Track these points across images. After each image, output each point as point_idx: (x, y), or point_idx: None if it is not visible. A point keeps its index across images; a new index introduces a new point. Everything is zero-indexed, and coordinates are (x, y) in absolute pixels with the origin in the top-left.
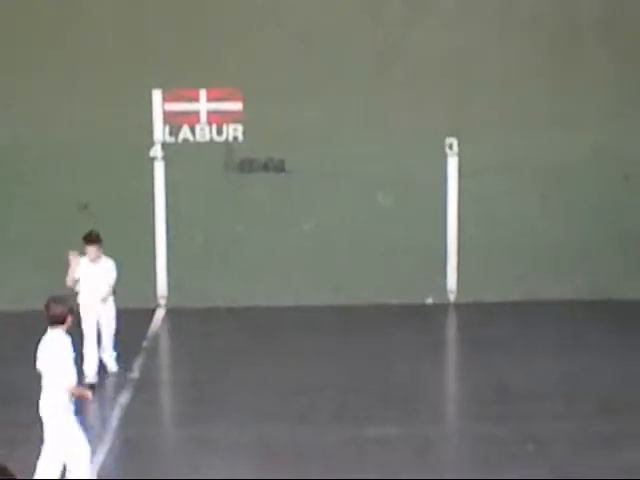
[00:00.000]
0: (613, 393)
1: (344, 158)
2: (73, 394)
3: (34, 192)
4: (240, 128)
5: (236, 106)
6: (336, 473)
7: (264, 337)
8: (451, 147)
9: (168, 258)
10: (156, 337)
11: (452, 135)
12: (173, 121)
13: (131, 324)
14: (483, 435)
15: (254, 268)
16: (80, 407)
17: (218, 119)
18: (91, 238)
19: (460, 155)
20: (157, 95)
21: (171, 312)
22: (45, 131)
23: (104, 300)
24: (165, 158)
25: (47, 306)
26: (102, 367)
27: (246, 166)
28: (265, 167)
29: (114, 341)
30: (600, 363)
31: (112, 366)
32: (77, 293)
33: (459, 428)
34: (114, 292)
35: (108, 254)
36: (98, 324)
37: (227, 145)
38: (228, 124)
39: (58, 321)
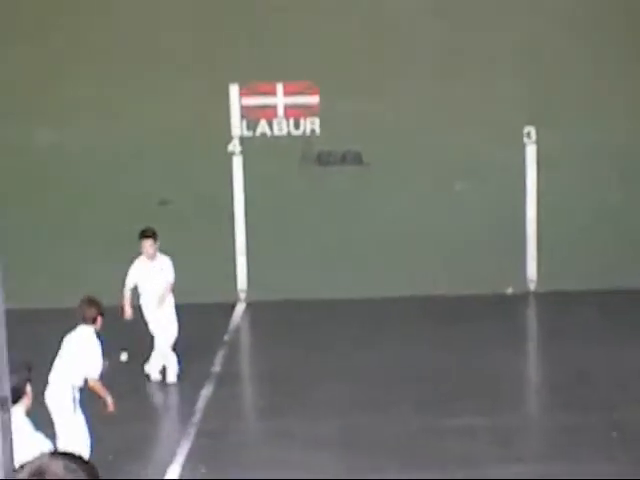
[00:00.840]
0: None
1: (421, 148)
2: (93, 388)
3: (115, 190)
4: (317, 121)
5: (313, 99)
6: (418, 464)
7: (344, 329)
8: (529, 135)
9: (248, 252)
10: (237, 330)
11: (530, 123)
12: (250, 115)
13: (212, 318)
14: (566, 424)
15: (333, 260)
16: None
17: (295, 113)
18: (147, 233)
19: (538, 143)
20: (234, 90)
21: (251, 306)
22: (124, 128)
23: (162, 300)
24: (243, 153)
25: (81, 305)
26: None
27: (324, 159)
28: (343, 159)
29: (175, 347)
30: None
31: (171, 376)
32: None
33: (542, 417)
34: (172, 291)
35: (187, 249)
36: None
37: (305, 138)
38: (305, 118)
39: (90, 321)
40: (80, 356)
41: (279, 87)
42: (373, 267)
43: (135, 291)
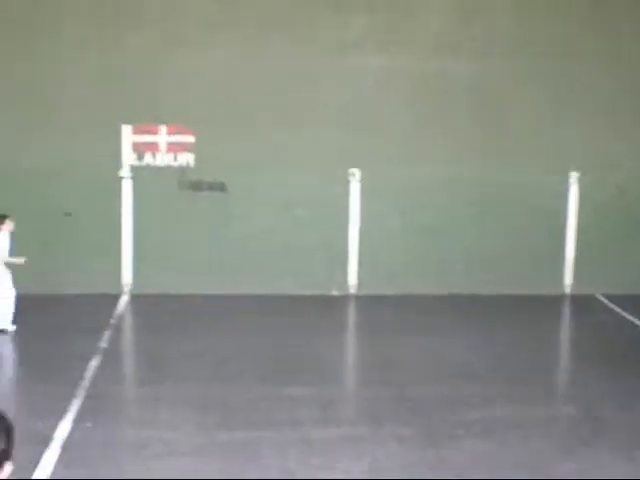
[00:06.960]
0: (464, 364)
1: (271, 182)
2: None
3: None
4: (192, 156)
5: (189, 139)
6: (257, 423)
7: (204, 317)
8: (354, 175)
9: (134, 254)
10: (121, 316)
11: (355, 166)
12: (139, 149)
13: (101, 306)
14: (370, 396)
15: (198, 264)
16: None
17: (175, 149)
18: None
19: (362, 182)
20: (127, 129)
21: (134, 298)
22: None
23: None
24: (133, 178)
25: None
26: None
27: (196, 186)
28: (210, 187)
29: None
30: (451, 342)
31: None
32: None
33: (353, 390)
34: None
35: (86, 253)
36: None
37: (181, 169)
38: (183, 153)
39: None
40: None
41: (162, 128)
42: (231, 269)
43: None
